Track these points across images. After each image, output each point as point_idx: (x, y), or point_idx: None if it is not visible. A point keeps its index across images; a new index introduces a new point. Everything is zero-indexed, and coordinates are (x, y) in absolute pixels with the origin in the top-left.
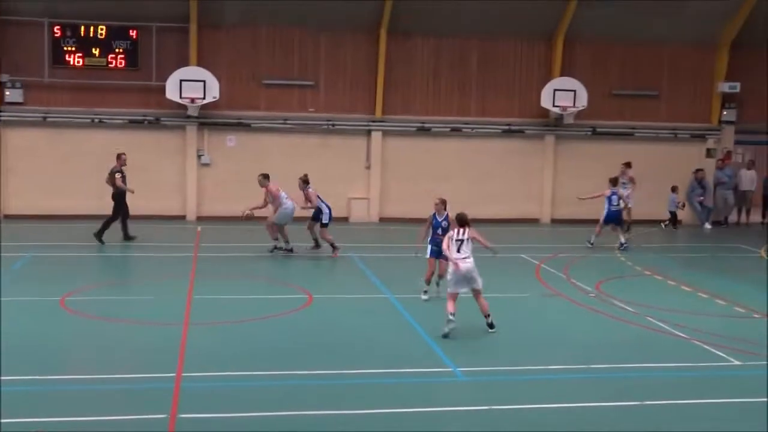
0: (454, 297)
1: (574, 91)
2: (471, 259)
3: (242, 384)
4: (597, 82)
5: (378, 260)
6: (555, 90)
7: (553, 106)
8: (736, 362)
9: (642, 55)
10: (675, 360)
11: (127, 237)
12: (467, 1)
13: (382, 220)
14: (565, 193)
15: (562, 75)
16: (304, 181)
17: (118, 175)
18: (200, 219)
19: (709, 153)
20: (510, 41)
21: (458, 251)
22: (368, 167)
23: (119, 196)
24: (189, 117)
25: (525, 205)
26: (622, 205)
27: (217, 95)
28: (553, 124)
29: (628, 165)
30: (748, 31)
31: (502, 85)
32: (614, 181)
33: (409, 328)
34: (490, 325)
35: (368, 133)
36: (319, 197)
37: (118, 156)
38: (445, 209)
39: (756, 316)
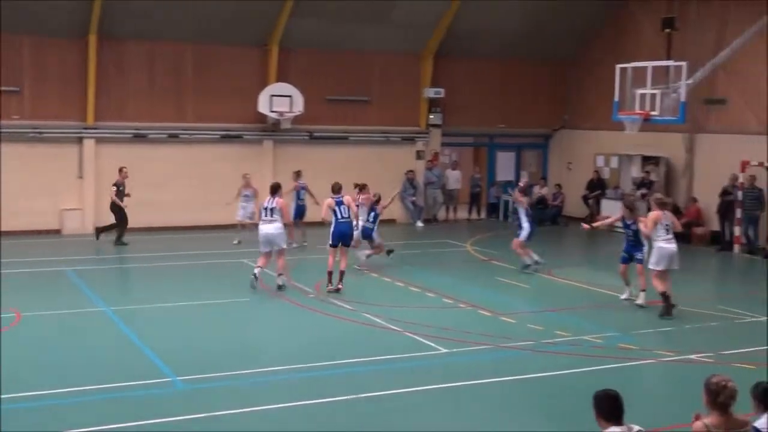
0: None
1: (290, 96)
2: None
3: None
4: (312, 88)
5: (92, 272)
6: (272, 96)
7: (271, 111)
8: (444, 350)
9: (353, 62)
10: (388, 352)
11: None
12: (180, 5)
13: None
14: None
15: (278, 81)
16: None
17: (113, 189)
18: None
19: (419, 155)
20: (225, 47)
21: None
22: (81, 177)
23: (114, 207)
24: None
25: None
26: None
27: None
28: (270, 129)
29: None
30: (450, 40)
31: (219, 90)
32: (298, 174)
33: (126, 340)
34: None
35: (80, 140)
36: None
37: (120, 170)
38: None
39: (462, 305)
